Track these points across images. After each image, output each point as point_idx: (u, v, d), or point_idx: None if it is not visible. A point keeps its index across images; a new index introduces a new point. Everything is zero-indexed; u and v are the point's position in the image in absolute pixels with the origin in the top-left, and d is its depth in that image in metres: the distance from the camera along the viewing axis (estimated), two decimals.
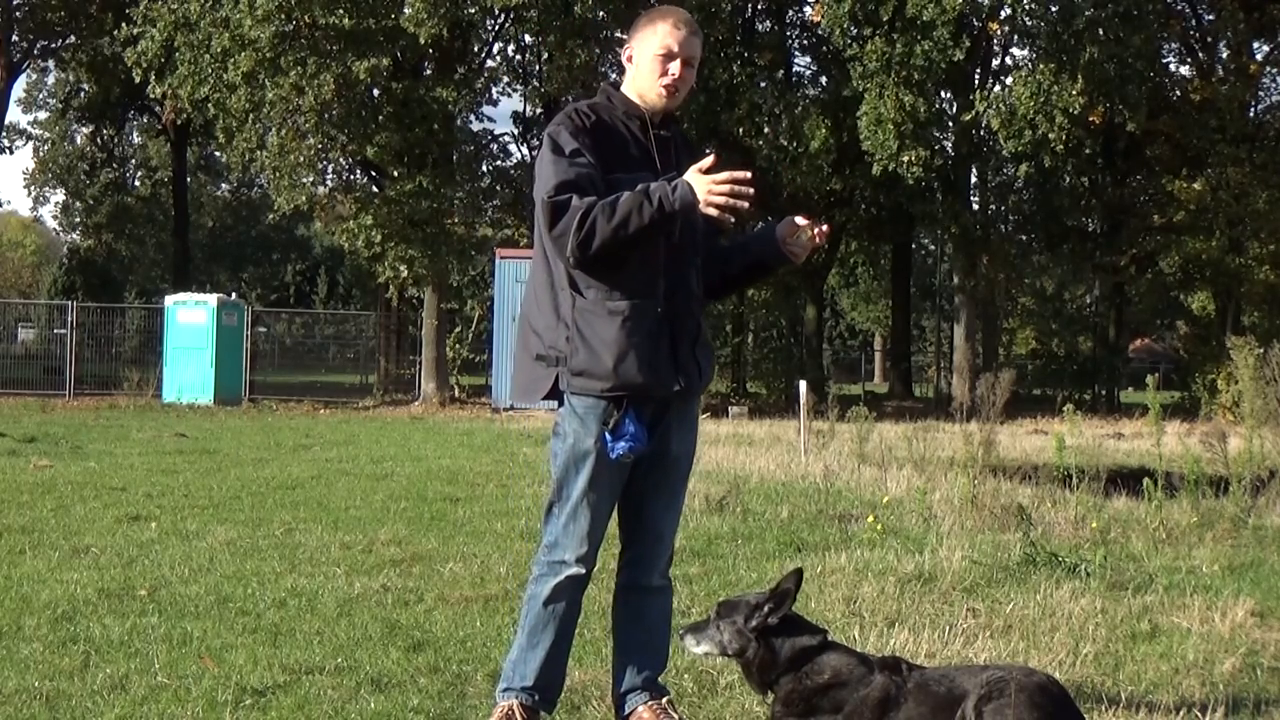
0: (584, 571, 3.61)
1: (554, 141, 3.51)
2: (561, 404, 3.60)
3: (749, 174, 3.40)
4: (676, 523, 3.78)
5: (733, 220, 3.44)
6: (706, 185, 3.36)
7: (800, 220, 3.66)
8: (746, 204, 3.36)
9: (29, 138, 48.84)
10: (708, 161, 3.40)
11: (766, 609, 3.38)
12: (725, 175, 3.36)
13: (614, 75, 25.64)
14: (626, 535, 3.75)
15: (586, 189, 3.42)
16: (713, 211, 3.37)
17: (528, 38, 27.37)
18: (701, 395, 3.82)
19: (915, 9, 24.88)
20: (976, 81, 29.42)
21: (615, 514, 3.72)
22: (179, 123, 37.73)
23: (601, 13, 25.14)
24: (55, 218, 58.13)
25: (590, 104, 3.66)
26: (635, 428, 3.49)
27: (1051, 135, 24.88)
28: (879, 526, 7.60)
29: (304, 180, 25.41)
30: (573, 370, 3.50)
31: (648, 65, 3.58)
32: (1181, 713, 3.98)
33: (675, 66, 3.55)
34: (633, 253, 3.45)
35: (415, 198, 24.58)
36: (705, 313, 3.80)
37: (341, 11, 23.13)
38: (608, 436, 3.49)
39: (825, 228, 3.67)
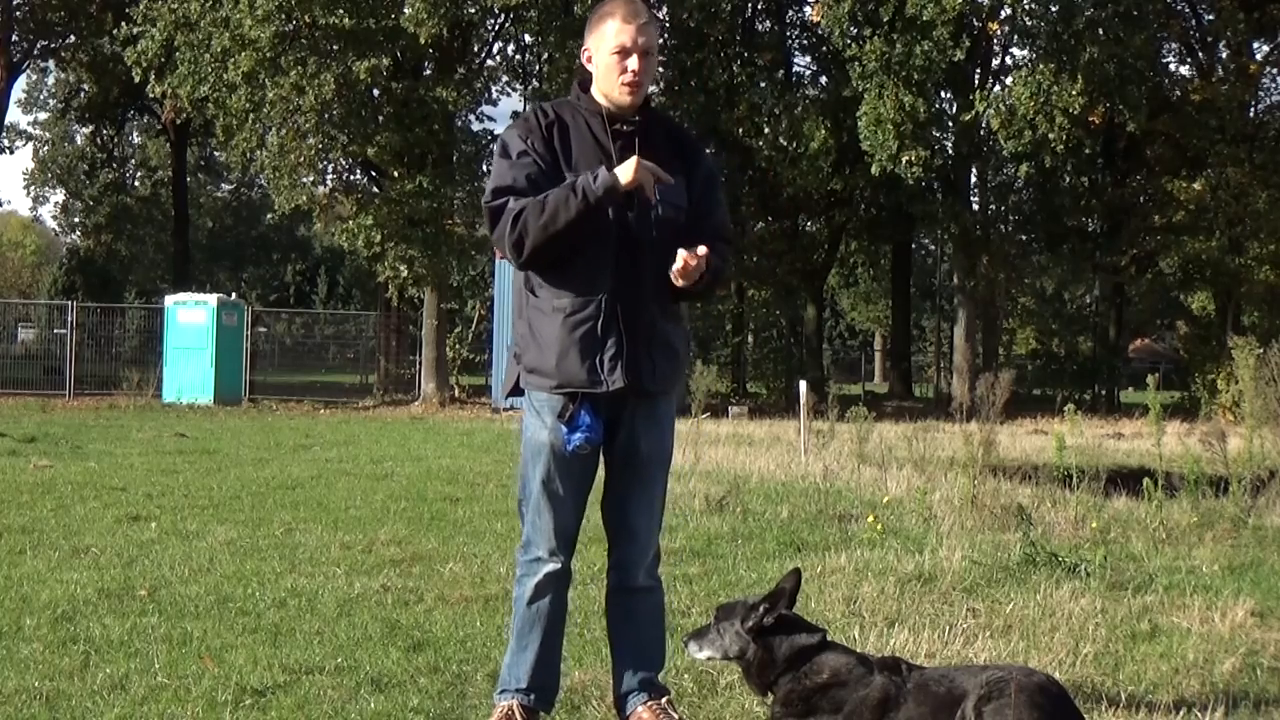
0: (560, 566, 3.60)
1: (503, 144, 3.56)
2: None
3: (672, 180, 3.45)
4: (654, 523, 3.73)
5: (655, 200, 3.45)
6: (633, 165, 3.36)
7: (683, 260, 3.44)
8: (668, 180, 3.43)
9: (29, 138, 48.92)
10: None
11: (762, 609, 3.38)
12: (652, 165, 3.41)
13: None
14: (610, 538, 3.74)
15: (525, 190, 3.43)
16: (631, 184, 3.38)
17: (528, 38, 27.39)
18: (672, 395, 3.71)
19: (915, 9, 24.86)
20: (976, 81, 29.39)
21: (601, 518, 3.72)
22: (179, 123, 37.73)
23: None
24: (55, 218, 58.23)
25: (555, 103, 3.68)
26: (591, 420, 3.49)
27: (1051, 135, 24.86)
28: (879, 526, 7.59)
29: (304, 180, 25.42)
30: (526, 367, 3.56)
31: (605, 65, 3.52)
32: (1181, 713, 3.98)
33: (633, 62, 3.49)
34: (581, 249, 3.44)
35: (415, 198, 24.59)
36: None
37: (341, 11, 23.12)
38: (563, 429, 3.49)
39: (702, 250, 3.43)
